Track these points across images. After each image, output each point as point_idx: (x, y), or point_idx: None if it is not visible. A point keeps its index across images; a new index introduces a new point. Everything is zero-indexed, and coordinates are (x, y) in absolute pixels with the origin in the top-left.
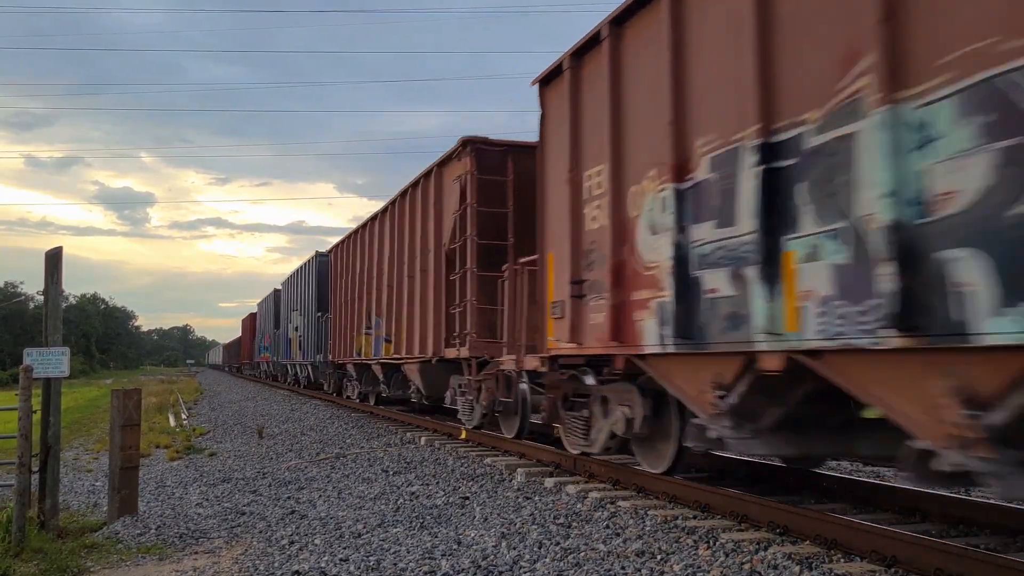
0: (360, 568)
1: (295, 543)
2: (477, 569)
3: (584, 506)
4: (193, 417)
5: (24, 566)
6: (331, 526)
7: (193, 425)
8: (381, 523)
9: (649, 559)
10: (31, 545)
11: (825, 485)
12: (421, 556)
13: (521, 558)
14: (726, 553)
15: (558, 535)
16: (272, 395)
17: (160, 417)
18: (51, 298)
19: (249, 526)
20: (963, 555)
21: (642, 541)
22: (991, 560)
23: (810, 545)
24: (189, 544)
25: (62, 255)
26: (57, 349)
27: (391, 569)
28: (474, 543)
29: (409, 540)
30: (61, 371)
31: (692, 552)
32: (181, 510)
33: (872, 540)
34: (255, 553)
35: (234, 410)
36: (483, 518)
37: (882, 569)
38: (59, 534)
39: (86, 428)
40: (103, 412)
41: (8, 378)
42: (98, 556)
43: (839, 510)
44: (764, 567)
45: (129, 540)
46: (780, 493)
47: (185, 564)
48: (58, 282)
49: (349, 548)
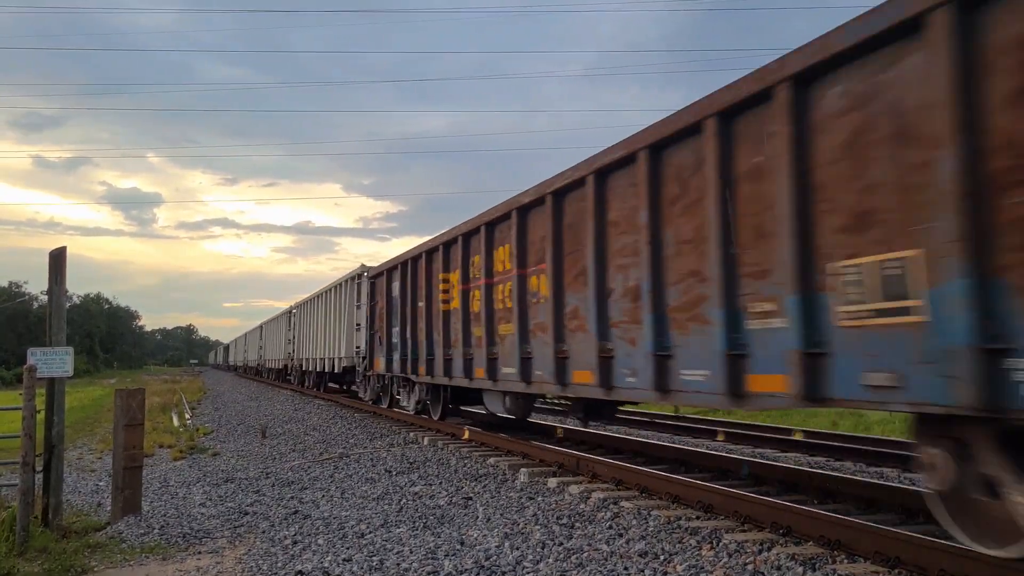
0: (363, 568)
1: (298, 543)
2: (480, 569)
3: (587, 506)
4: (196, 417)
5: (28, 565)
6: (334, 526)
7: (196, 425)
8: (384, 523)
9: (652, 559)
10: (35, 544)
11: (828, 486)
12: (424, 556)
13: (524, 558)
14: (729, 554)
15: (561, 535)
16: (275, 395)
17: (164, 417)
18: (55, 298)
19: (252, 526)
20: (966, 556)
21: (645, 541)
22: (994, 561)
23: (813, 546)
24: (192, 544)
25: (66, 255)
26: (61, 349)
27: (394, 569)
28: (477, 543)
29: (412, 540)
30: (65, 371)
31: (695, 553)
32: (184, 510)
33: (876, 541)
34: (258, 553)
35: (237, 410)
36: (486, 518)
37: (885, 570)
38: (63, 533)
39: (90, 428)
40: (107, 412)
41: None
42: (101, 555)
43: (842, 511)
44: (767, 568)
45: (132, 539)
46: (783, 494)
47: (188, 564)
48: (62, 282)
49: (352, 548)
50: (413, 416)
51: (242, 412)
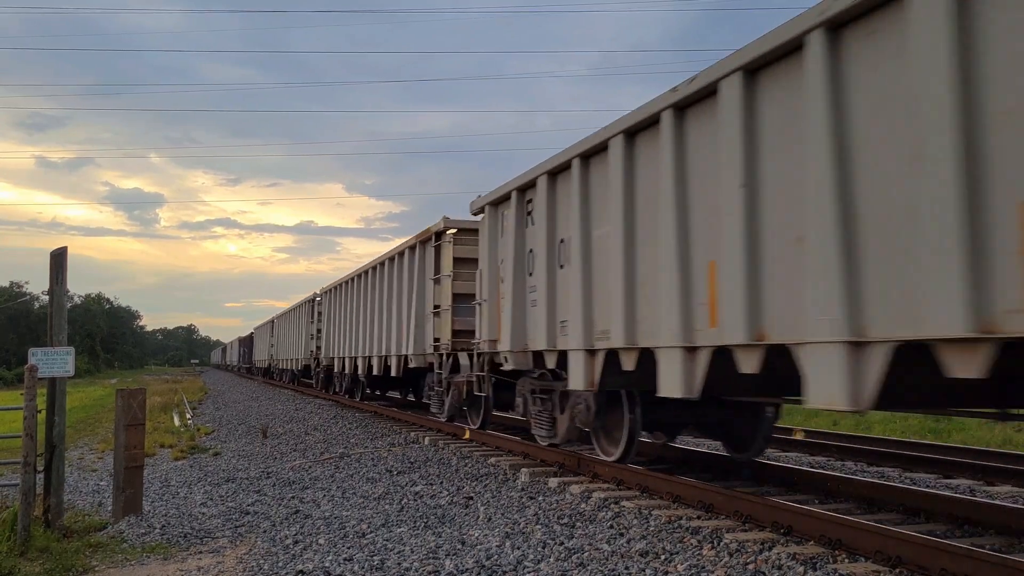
0: (364, 568)
1: (299, 543)
2: (481, 569)
3: (588, 506)
4: (197, 417)
5: (29, 565)
6: (335, 526)
7: (197, 425)
8: (385, 523)
9: (653, 559)
10: (36, 544)
11: (829, 485)
12: (425, 556)
13: (525, 558)
14: (730, 553)
15: (562, 535)
16: (276, 395)
17: (165, 417)
18: (56, 298)
19: (253, 526)
20: (968, 556)
21: (646, 541)
22: (996, 561)
23: (814, 545)
24: (193, 543)
25: (67, 255)
26: (62, 349)
27: (395, 569)
28: (478, 543)
29: (413, 540)
30: (66, 371)
31: (696, 552)
32: (185, 509)
33: (877, 540)
34: (259, 552)
35: (238, 410)
36: (487, 518)
37: (887, 570)
38: (64, 533)
39: (91, 427)
40: (108, 411)
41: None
42: (103, 555)
43: (843, 510)
44: (768, 567)
45: (134, 539)
46: (784, 493)
47: (189, 564)
48: (63, 282)
49: (353, 548)
50: (415, 415)
51: (243, 412)
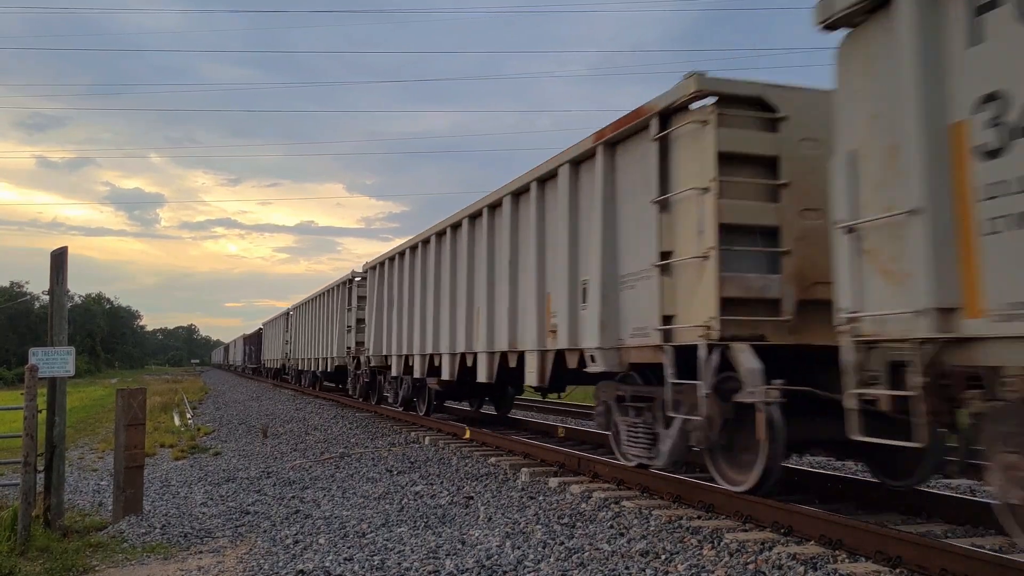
0: (364, 567)
1: (299, 542)
2: (481, 569)
3: (588, 506)
4: (198, 417)
5: (29, 564)
6: (335, 525)
7: (198, 424)
8: (385, 522)
9: (653, 559)
10: (36, 544)
11: (829, 486)
12: (425, 556)
13: (525, 558)
14: (730, 553)
15: (562, 535)
16: (277, 395)
17: (165, 416)
18: (56, 298)
19: (253, 525)
20: (968, 556)
21: (646, 541)
22: (996, 561)
23: (815, 545)
24: (194, 543)
25: (67, 255)
26: (62, 349)
27: (395, 568)
28: (478, 543)
29: (413, 540)
30: (66, 370)
31: (696, 552)
32: (186, 509)
33: (877, 540)
34: (259, 552)
35: (239, 410)
36: (487, 518)
37: (887, 569)
38: (64, 533)
39: (91, 427)
40: (108, 411)
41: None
42: (103, 555)
43: (844, 510)
44: (769, 567)
45: (134, 539)
46: (785, 493)
47: (190, 563)
48: (63, 282)
49: (353, 547)
50: (415, 416)
51: (243, 412)
